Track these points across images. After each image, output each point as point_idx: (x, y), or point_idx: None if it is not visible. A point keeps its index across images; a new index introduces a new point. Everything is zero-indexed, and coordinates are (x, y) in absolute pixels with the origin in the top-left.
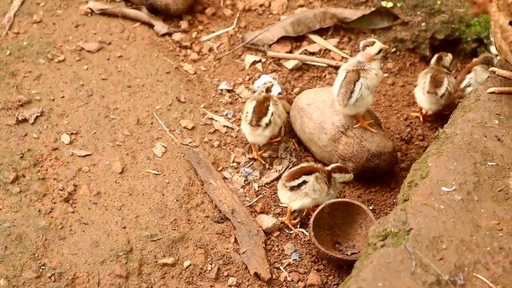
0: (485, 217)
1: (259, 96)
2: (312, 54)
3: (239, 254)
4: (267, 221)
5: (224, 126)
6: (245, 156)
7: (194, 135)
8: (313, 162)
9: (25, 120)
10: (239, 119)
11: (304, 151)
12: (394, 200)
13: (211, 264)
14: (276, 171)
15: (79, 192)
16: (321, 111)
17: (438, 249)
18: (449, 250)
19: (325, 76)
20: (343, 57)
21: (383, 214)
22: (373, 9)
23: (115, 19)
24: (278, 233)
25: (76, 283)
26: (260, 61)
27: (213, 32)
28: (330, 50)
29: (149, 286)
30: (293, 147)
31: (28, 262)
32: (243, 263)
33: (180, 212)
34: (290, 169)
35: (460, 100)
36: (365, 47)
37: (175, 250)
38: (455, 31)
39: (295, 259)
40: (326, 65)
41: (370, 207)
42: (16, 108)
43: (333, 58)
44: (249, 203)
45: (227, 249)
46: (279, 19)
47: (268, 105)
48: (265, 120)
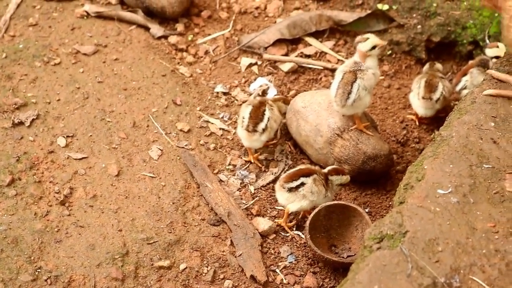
0: (481, 220)
1: (255, 101)
2: (308, 57)
3: (235, 257)
4: (263, 224)
5: (220, 129)
6: (241, 159)
7: (190, 138)
8: (310, 165)
9: (21, 123)
10: (235, 122)
11: (300, 154)
12: (390, 203)
13: (207, 267)
14: (272, 174)
15: (75, 195)
16: (317, 114)
17: (434, 252)
18: (445, 253)
19: (321, 79)
20: (339, 60)
21: (379, 217)
22: (369, 12)
23: (111, 22)
24: (274, 236)
25: (72, 286)
26: (256, 64)
27: (209, 35)
28: (326, 53)
29: None
30: (289, 150)
31: (24, 265)
32: (239, 266)
33: (176, 215)
34: (288, 171)
35: (456, 103)
36: (357, 43)
37: (171, 253)
38: (451, 34)
39: (291, 262)
40: (322, 68)
41: (366, 210)
42: (12, 111)
43: (329, 61)
44: (245, 206)
45: (223, 252)
46: (275, 22)
47: (264, 110)
48: (262, 126)
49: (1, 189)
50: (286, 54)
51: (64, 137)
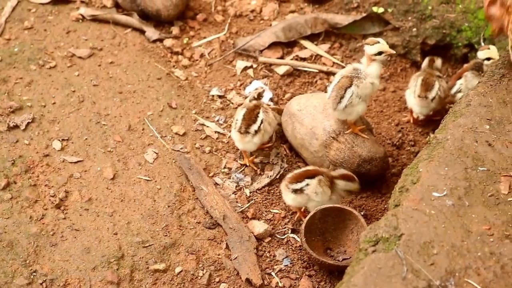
0: (476, 222)
1: (250, 104)
2: (303, 60)
3: (231, 260)
4: (259, 227)
5: (216, 132)
6: (237, 162)
7: (186, 141)
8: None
9: (17, 127)
10: (231, 125)
11: (296, 157)
12: (386, 206)
13: (203, 270)
14: (268, 177)
15: (71, 199)
16: (312, 117)
17: (429, 254)
18: (440, 255)
19: (316, 82)
20: (334, 63)
21: (375, 220)
22: (364, 15)
23: (106, 25)
24: (270, 239)
25: None
26: (252, 67)
27: (204, 38)
28: (321, 56)
29: None
30: (285, 153)
31: (20, 269)
32: (235, 269)
33: (172, 218)
34: (295, 171)
35: (451, 106)
36: (365, 44)
37: (167, 256)
38: (446, 37)
39: (287, 265)
40: (317, 71)
41: (362, 213)
42: (8, 115)
43: (324, 64)
44: (241, 209)
45: (219, 255)
46: (270, 25)
47: (258, 113)
48: (254, 127)
49: None
50: (282, 57)
51: (60, 141)
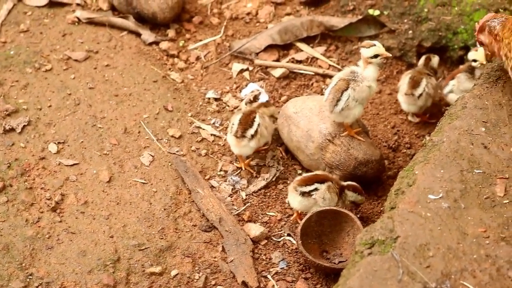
0: (472, 225)
1: (246, 109)
2: (299, 62)
3: (227, 263)
4: (255, 230)
5: (212, 135)
6: (233, 165)
7: (182, 144)
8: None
9: (12, 130)
10: (227, 128)
11: (292, 159)
12: (382, 208)
13: (199, 273)
14: (264, 180)
15: (67, 202)
16: (308, 119)
17: (425, 257)
18: (436, 258)
19: (312, 84)
20: (330, 65)
21: (371, 222)
22: (360, 17)
23: (102, 28)
24: (266, 242)
25: None
26: (248, 70)
27: (200, 41)
28: (317, 58)
29: None
30: (281, 155)
31: (16, 272)
32: (231, 272)
33: (168, 221)
34: (304, 174)
35: (447, 108)
36: (361, 47)
37: (163, 259)
38: (442, 39)
39: (283, 268)
40: (313, 73)
41: (358, 215)
42: (3, 118)
43: (320, 66)
44: (237, 212)
45: (215, 258)
46: (266, 28)
47: (254, 117)
48: (251, 132)
49: None
50: (278, 60)
51: (56, 144)
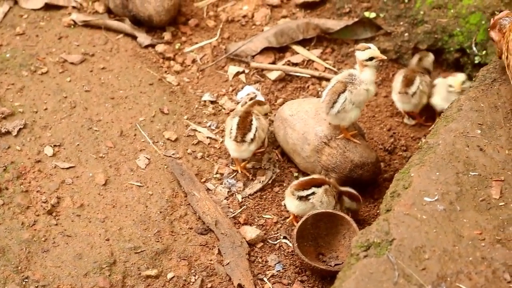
0: (468, 227)
1: (240, 112)
2: (295, 65)
3: (223, 266)
4: (251, 233)
5: (208, 138)
6: (229, 168)
7: (178, 147)
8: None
9: (8, 133)
10: (223, 131)
11: (288, 162)
12: (378, 211)
13: (195, 276)
14: (260, 182)
15: (62, 205)
16: (304, 122)
17: (421, 259)
18: (432, 260)
19: (308, 87)
20: (326, 68)
21: (367, 225)
22: (356, 20)
23: (98, 31)
24: (262, 244)
25: None
26: (244, 72)
27: (196, 43)
28: (313, 61)
29: None
30: (277, 158)
31: (11, 275)
32: (227, 275)
33: (164, 224)
34: (301, 178)
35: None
36: (356, 50)
37: (159, 262)
38: (438, 41)
39: (279, 270)
40: (309, 76)
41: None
42: None
43: (316, 69)
44: (233, 215)
45: (211, 261)
46: (262, 30)
47: (251, 120)
48: (250, 136)
49: None
50: (274, 63)
51: (51, 147)
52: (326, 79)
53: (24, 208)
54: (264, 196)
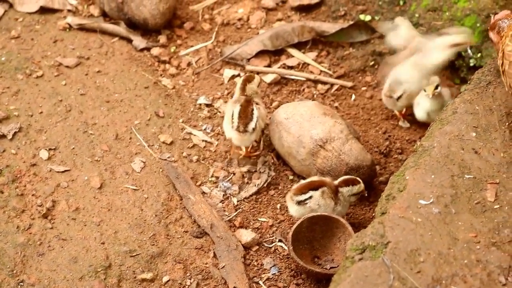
0: (463, 230)
1: (241, 99)
2: (291, 68)
3: (218, 269)
4: (246, 236)
5: (203, 141)
6: (224, 171)
7: (173, 150)
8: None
9: (3, 136)
10: (218, 134)
11: (283, 165)
12: (374, 214)
13: (190, 279)
14: (255, 185)
15: (58, 208)
16: (299, 125)
17: (416, 262)
18: (427, 263)
19: (304, 90)
20: (322, 71)
21: (363, 228)
22: (352, 23)
23: (94, 34)
24: (257, 248)
25: None
26: (239, 75)
27: (192, 47)
28: (309, 64)
29: None
30: (272, 161)
31: (7, 279)
32: (222, 278)
33: (159, 227)
34: (301, 182)
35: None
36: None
37: (154, 266)
38: None
39: (274, 274)
40: (305, 79)
41: (349, 221)
42: None
43: (312, 72)
44: (228, 218)
45: (206, 264)
46: (258, 33)
47: (253, 109)
48: (252, 125)
49: None
50: (269, 66)
51: (47, 150)
52: (322, 82)
53: (19, 212)
54: (260, 199)
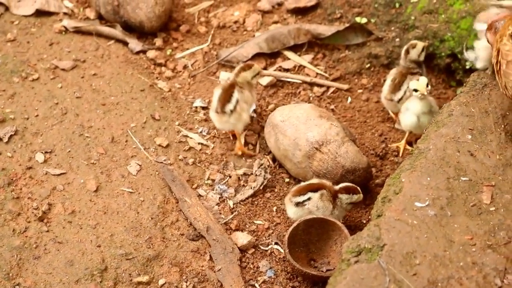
0: (458, 232)
1: (225, 84)
2: (287, 71)
3: (214, 272)
4: (242, 238)
5: (199, 144)
6: (220, 173)
7: (169, 153)
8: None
9: None
10: (214, 137)
11: (279, 168)
12: (369, 216)
13: (186, 282)
14: (251, 188)
15: (54, 211)
16: (295, 128)
17: (412, 265)
18: (423, 266)
19: (300, 93)
20: (318, 73)
21: (358, 230)
22: (347, 25)
23: (89, 37)
24: (253, 250)
25: None
26: None
27: (188, 49)
28: (305, 67)
29: None
30: (268, 164)
31: (3, 282)
32: (218, 281)
33: (155, 230)
34: (300, 184)
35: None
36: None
37: (150, 269)
38: (429, 47)
39: (271, 276)
40: (301, 82)
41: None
42: None
43: (308, 75)
44: (224, 221)
45: (202, 267)
46: (254, 36)
47: (233, 92)
48: (230, 107)
49: None
50: (265, 68)
51: (43, 153)
52: (318, 85)
53: (15, 215)
54: (256, 202)
